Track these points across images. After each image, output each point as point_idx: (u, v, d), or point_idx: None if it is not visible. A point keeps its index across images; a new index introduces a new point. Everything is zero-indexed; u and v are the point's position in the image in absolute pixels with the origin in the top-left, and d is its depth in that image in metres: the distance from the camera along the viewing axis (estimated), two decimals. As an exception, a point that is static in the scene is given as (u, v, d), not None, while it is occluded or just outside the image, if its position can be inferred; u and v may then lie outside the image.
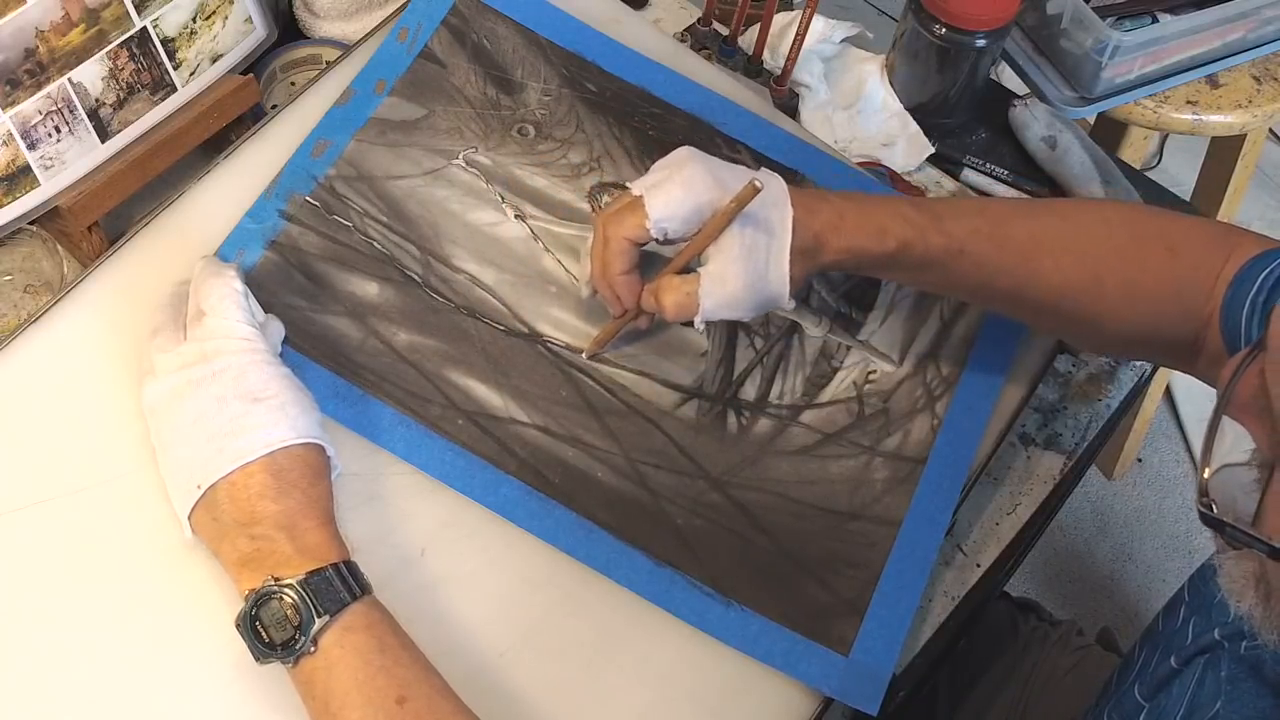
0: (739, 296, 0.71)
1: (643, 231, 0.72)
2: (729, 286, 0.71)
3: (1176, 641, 0.71)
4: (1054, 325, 0.79)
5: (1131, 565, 1.78)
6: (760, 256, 0.71)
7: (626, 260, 0.73)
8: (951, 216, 0.73)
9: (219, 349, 0.68)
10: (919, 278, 0.76)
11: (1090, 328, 0.75)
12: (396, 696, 0.62)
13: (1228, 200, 1.45)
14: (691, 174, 0.71)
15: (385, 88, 0.86)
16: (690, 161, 0.72)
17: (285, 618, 0.62)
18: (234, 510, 0.65)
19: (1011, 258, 0.73)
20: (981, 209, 0.76)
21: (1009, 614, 1.04)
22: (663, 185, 0.72)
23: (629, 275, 0.74)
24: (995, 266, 0.73)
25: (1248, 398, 0.52)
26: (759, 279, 0.71)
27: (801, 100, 0.99)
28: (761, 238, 0.71)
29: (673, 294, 0.72)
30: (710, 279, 0.71)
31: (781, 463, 0.79)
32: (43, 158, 0.81)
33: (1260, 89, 1.21)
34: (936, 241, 0.72)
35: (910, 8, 0.96)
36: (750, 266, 0.71)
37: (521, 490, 0.75)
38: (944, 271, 0.74)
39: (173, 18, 0.85)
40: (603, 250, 0.73)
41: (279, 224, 0.80)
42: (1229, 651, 0.66)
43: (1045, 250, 0.73)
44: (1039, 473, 0.88)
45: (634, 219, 0.72)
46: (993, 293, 0.75)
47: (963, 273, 0.74)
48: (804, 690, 0.73)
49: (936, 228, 0.72)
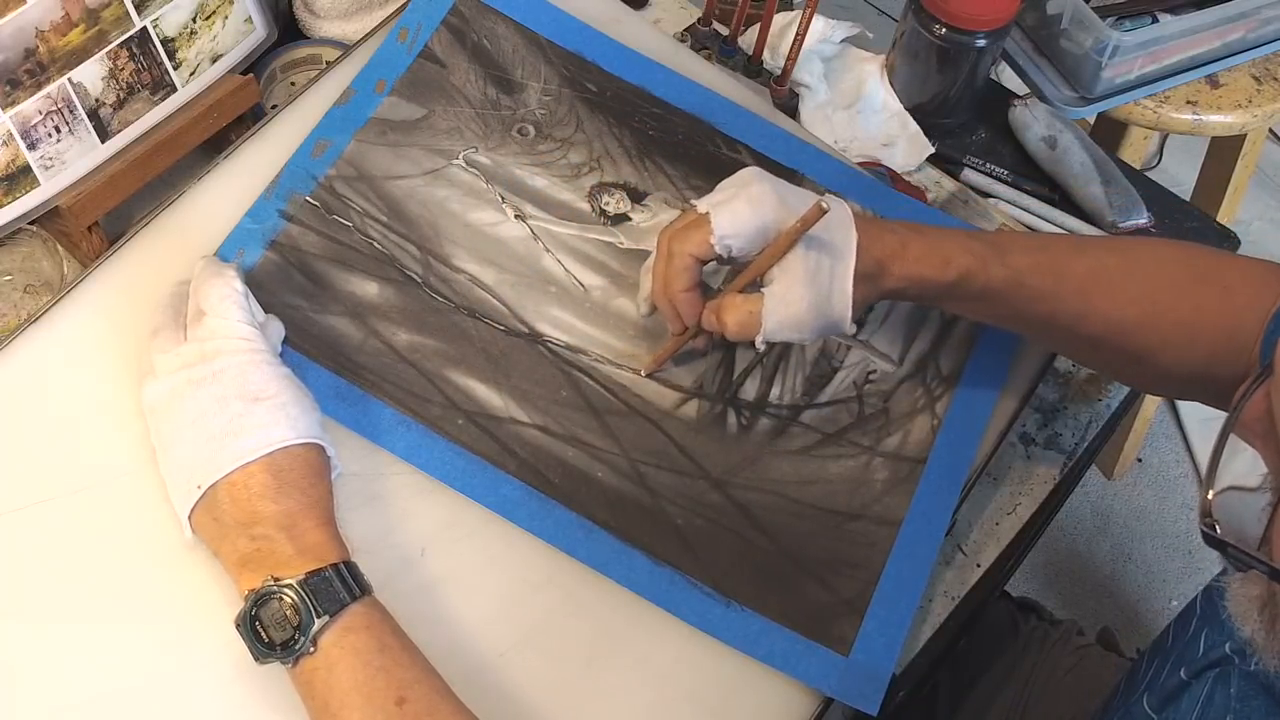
0: (802, 318, 0.71)
1: (707, 248, 0.72)
2: (792, 307, 0.71)
3: (1188, 654, 0.71)
4: (1108, 362, 0.78)
5: (1131, 565, 1.78)
6: (824, 279, 0.71)
7: (689, 277, 0.73)
8: (1013, 249, 0.74)
9: (219, 349, 0.68)
10: (978, 309, 0.76)
11: (1144, 365, 0.75)
12: (396, 697, 0.62)
13: (1228, 200, 1.45)
14: (758, 193, 0.72)
15: (385, 88, 0.86)
16: (757, 181, 0.73)
17: (285, 618, 0.62)
18: (234, 510, 0.65)
19: (1070, 293, 0.73)
20: (1042, 244, 0.77)
21: (1009, 614, 1.04)
22: (729, 203, 0.72)
23: (691, 293, 0.74)
24: (1053, 301, 0.73)
25: (1254, 420, 0.52)
26: (822, 301, 0.71)
27: (801, 100, 0.99)
28: (826, 260, 0.71)
29: (735, 312, 0.72)
30: (774, 299, 0.71)
31: (781, 463, 0.79)
32: (43, 158, 0.81)
33: (1260, 89, 1.21)
34: (998, 273, 0.72)
35: (910, 8, 0.97)
36: (814, 288, 0.71)
37: (521, 490, 0.75)
38: (1003, 304, 0.74)
39: (173, 18, 0.85)
40: (665, 266, 0.74)
41: (279, 224, 0.80)
42: (1239, 667, 0.66)
43: (1103, 286, 0.73)
44: (1039, 473, 0.88)
45: (699, 235, 0.72)
46: (1049, 327, 0.76)
47: (1021, 306, 0.74)
48: (804, 690, 0.73)
49: (999, 260, 0.73)
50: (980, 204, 0.97)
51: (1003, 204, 0.99)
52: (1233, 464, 0.53)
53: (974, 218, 0.96)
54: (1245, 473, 0.52)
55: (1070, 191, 1.00)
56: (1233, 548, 0.50)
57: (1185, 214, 1.01)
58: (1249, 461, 0.53)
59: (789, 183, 0.74)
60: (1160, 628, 0.80)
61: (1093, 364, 0.83)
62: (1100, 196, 0.98)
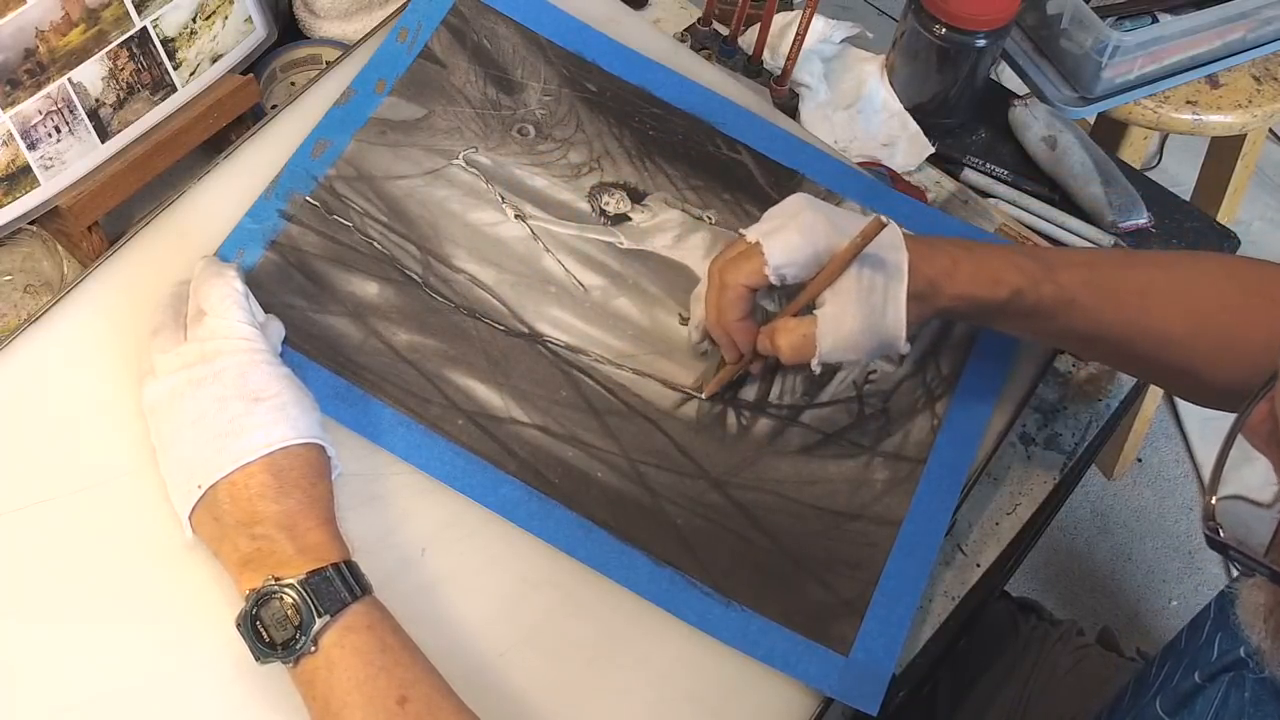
0: (856, 338, 0.72)
1: (761, 277, 0.72)
2: (846, 328, 0.71)
3: (1202, 657, 0.71)
4: (1157, 376, 0.78)
5: (1131, 565, 1.78)
6: (878, 299, 0.71)
7: (743, 307, 0.74)
8: (1062, 266, 0.74)
9: (219, 349, 0.68)
10: (1028, 326, 0.77)
11: (1193, 378, 0.75)
12: (398, 696, 0.62)
13: (1228, 200, 1.45)
14: (810, 220, 0.72)
15: (385, 88, 0.86)
16: (807, 208, 0.73)
17: (286, 617, 0.62)
18: (234, 510, 0.65)
19: (1119, 309, 0.73)
20: (1091, 260, 0.77)
21: (1009, 614, 1.04)
22: (780, 231, 0.72)
23: (745, 321, 0.74)
24: (1102, 318, 0.73)
25: (1259, 423, 0.52)
26: (876, 321, 0.71)
27: (801, 100, 0.99)
28: (879, 280, 0.71)
29: (789, 336, 0.73)
30: (828, 320, 0.72)
31: (781, 463, 0.79)
32: (43, 158, 0.81)
33: (1260, 89, 1.21)
34: (1048, 291, 0.73)
35: (910, 8, 0.97)
36: (868, 309, 0.71)
37: (522, 490, 0.75)
38: (1052, 321, 0.74)
39: (173, 18, 0.85)
40: (718, 297, 0.74)
41: (279, 224, 0.80)
42: (1254, 671, 0.66)
43: (1152, 302, 0.73)
44: (1039, 473, 0.88)
45: (751, 265, 0.72)
46: (1099, 343, 0.76)
47: (1071, 323, 0.74)
48: (804, 690, 0.73)
49: (1049, 277, 0.73)
50: (980, 204, 0.97)
51: (1003, 204, 0.99)
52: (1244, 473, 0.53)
53: (974, 218, 0.96)
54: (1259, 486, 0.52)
55: (1070, 191, 1.00)
56: (1235, 551, 0.50)
57: (1185, 214, 1.01)
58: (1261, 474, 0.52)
59: (832, 205, 0.75)
60: (1160, 628, 0.80)
61: (1142, 376, 0.83)
62: (1100, 196, 0.98)
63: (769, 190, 0.88)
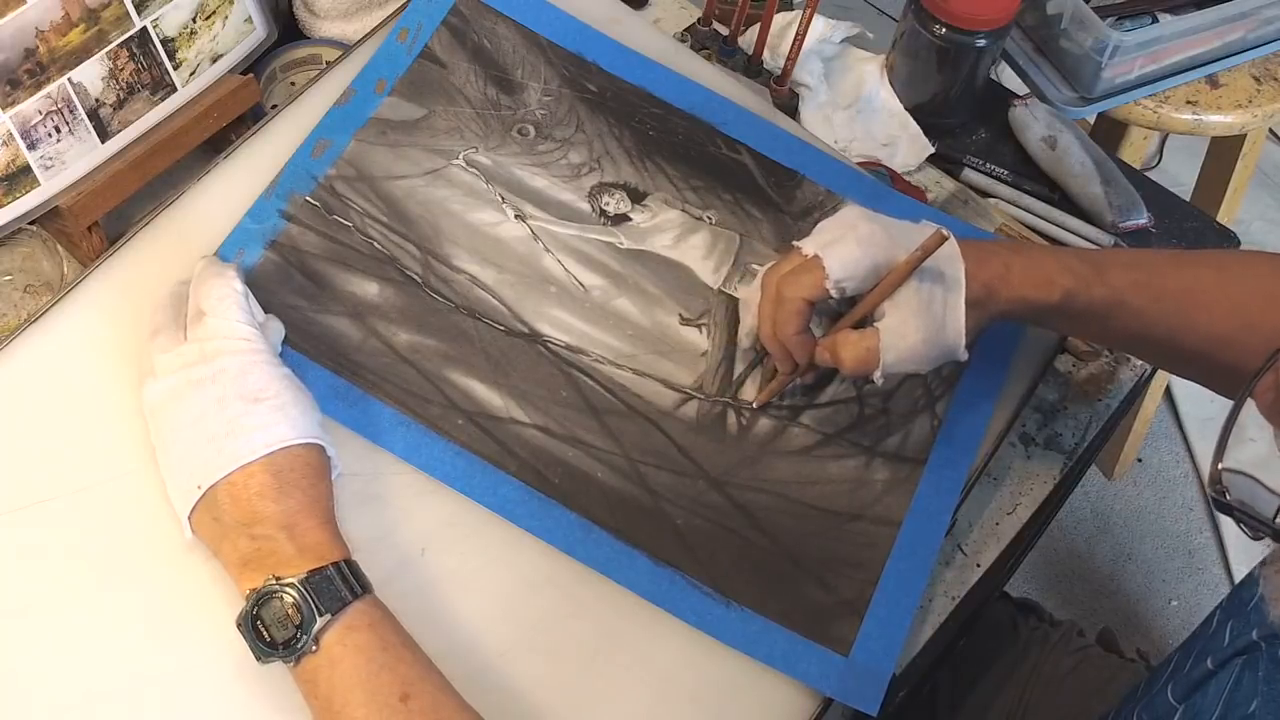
0: (918, 350, 0.72)
1: (821, 291, 0.72)
2: (909, 340, 0.72)
3: (1213, 645, 0.71)
4: (1204, 375, 0.78)
5: (1131, 565, 1.78)
6: (938, 310, 0.72)
7: (801, 321, 0.74)
8: (1111, 267, 0.74)
9: (219, 349, 0.68)
10: (1079, 326, 0.78)
11: (1240, 377, 0.75)
12: (400, 694, 0.62)
13: (1228, 200, 1.45)
14: (867, 232, 0.72)
15: (385, 88, 0.86)
16: (864, 220, 0.74)
17: (286, 617, 0.62)
18: (234, 510, 0.65)
19: (1167, 309, 0.74)
20: (1138, 261, 0.77)
21: (1009, 614, 1.04)
22: (838, 244, 0.72)
23: (804, 335, 0.75)
24: (1151, 318, 0.74)
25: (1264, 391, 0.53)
26: (937, 332, 0.72)
27: (801, 100, 0.99)
28: (938, 291, 0.72)
29: (852, 349, 0.73)
30: (890, 333, 0.72)
31: (781, 463, 0.79)
32: (43, 158, 0.81)
33: (1260, 89, 1.21)
34: (1099, 293, 0.73)
35: (910, 8, 0.97)
36: (928, 320, 0.71)
37: (522, 490, 0.75)
38: (1103, 322, 0.75)
39: (173, 18, 0.85)
40: (775, 310, 0.74)
41: (279, 224, 0.80)
42: (1267, 653, 0.66)
43: (1199, 301, 0.74)
44: (1039, 473, 0.88)
45: (810, 279, 0.72)
46: (1147, 343, 0.76)
47: (1121, 323, 0.74)
48: (804, 690, 0.73)
49: (1099, 279, 0.73)
50: (980, 204, 0.97)
51: (1003, 204, 0.99)
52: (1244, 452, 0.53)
53: (974, 218, 0.96)
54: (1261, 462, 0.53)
55: (1070, 191, 1.00)
56: (1241, 512, 0.50)
57: (1185, 214, 1.01)
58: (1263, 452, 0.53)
59: (888, 216, 0.75)
60: (1160, 628, 0.80)
61: (1189, 376, 0.83)
62: (1100, 196, 0.98)
63: (769, 190, 0.88)
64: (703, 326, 0.82)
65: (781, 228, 0.87)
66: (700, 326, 0.82)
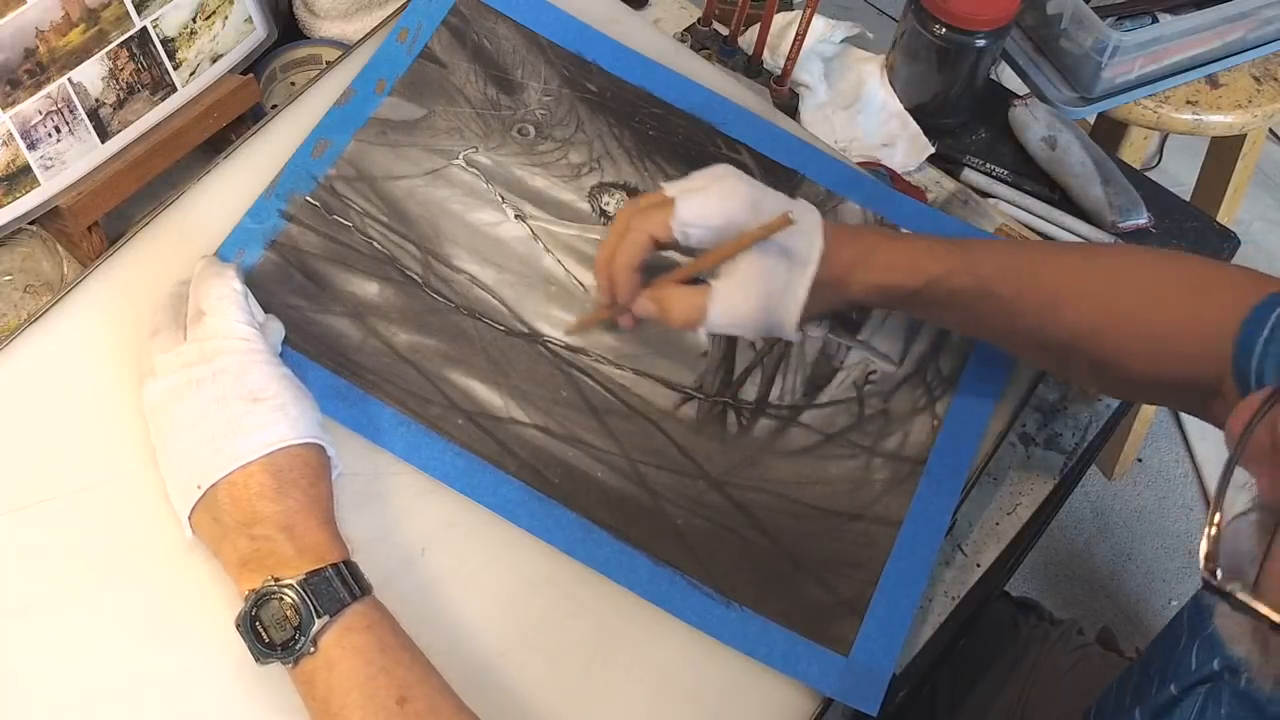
0: (747, 316, 0.72)
1: (666, 230, 0.72)
2: (739, 306, 0.71)
3: (1181, 669, 0.70)
4: (1078, 371, 0.78)
5: (1131, 565, 1.78)
6: (778, 283, 0.71)
7: (639, 254, 0.73)
8: (984, 256, 0.74)
9: (219, 349, 0.68)
10: (945, 316, 0.77)
11: (1110, 371, 0.74)
12: (397, 697, 0.62)
13: (1228, 200, 1.45)
14: (731, 188, 0.72)
15: (385, 88, 0.86)
16: (731, 176, 0.73)
17: (285, 618, 0.62)
18: (234, 510, 0.65)
19: (1034, 301, 0.73)
20: (1012, 250, 0.76)
21: (1009, 614, 1.04)
22: (699, 193, 0.72)
23: (635, 272, 0.74)
24: (1017, 309, 0.73)
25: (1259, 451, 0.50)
26: (772, 304, 0.71)
27: (801, 100, 0.99)
28: (783, 264, 0.71)
29: (680, 302, 0.72)
30: (721, 294, 0.71)
31: (781, 463, 0.79)
32: (43, 158, 0.81)
33: (1260, 89, 1.21)
34: (962, 281, 0.72)
35: (910, 8, 0.97)
36: (765, 292, 0.71)
37: (522, 490, 0.75)
38: (968, 312, 0.74)
39: (173, 18, 0.85)
40: (618, 240, 0.73)
41: (279, 224, 0.80)
42: (1230, 685, 0.66)
43: (1066, 294, 0.73)
44: (1039, 473, 0.88)
45: (661, 216, 0.72)
46: (1015, 336, 0.75)
47: (986, 314, 0.74)
48: (804, 690, 0.73)
49: (966, 266, 0.73)
50: (980, 204, 0.97)
51: (1003, 204, 0.99)
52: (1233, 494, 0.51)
53: (974, 218, 0.96)
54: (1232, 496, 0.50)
55: (1070, 191, 1.00)
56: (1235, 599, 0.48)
57: (1185, 214, 1.01)
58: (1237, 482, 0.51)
59: (768, 186, 0.74)
60: (1160, 627, 0.80)
61: (1057, 372, 0.82)
62: (1100, 196, 0.98)
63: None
64: (703, 326, 0.82)
65: (781, 228, 0.87)
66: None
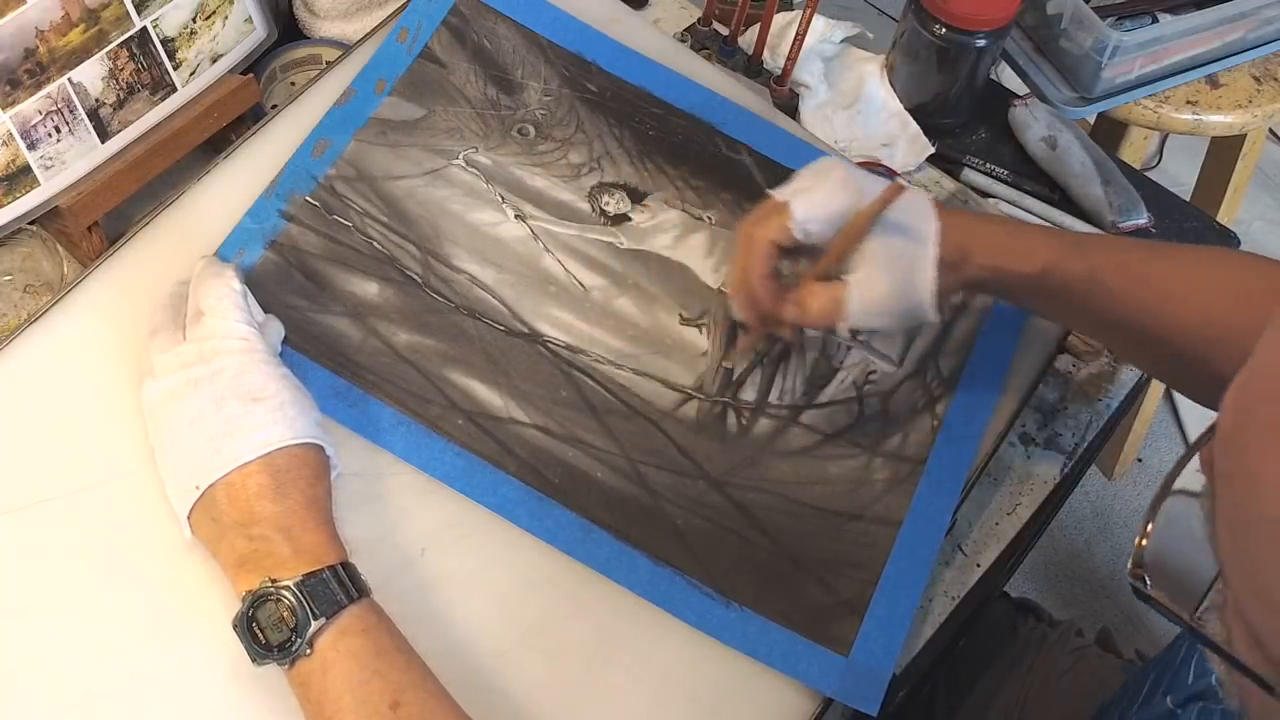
0: (885, 303, 0.72)
1: (786, 232, 0.72)
2: (875, 293, 0.71)
3: (1178, 681, 0.71)
4: (1174, 371, 0.78)
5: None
6: (906, 264, 0.71)
7: (768, 263, 0.74)
8: (1093, 248, 0.74)
9: (217, 349, 0.68)
10: (1054, 306, 0.77)
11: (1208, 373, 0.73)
12: (390, 701, 0.61)
13: (1228, 200, 1.45)
14: (837, 178, 0.73)
15: (385, 88, 0.86)
16: (836, 167, 0.74)
17: (281, 619, 0.62)
18: (232, 511, 0.65)
19: (1143, 295, 0.73)
20: (1122, 245, 0.76)
21: (1009, 614, 1.04)
22: (807, 191, 0.73)
23: (770, 279, 0.74)
24: (1126, 302, 0.73)
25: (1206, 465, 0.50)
26: (905, 287, 0.71)
27: (801, 100, 0.99)
28: (909, 246, 0.71)
29: (817, 299, 0.73)
30: (856, 285, 0.72)
31: (781, 463, 0.79)
32: (43, 158, 0.81)
33: (1260, 89, 1.21)
34: (1078, 269, 0.72)
35: (910, 8, 0.96)
36: (896, 274, 0.71)
37: (521, 490, 0.75)
38: (1079, 301, 0.74)
39: (173, 18, 0.85)
40: (745, 254, 0.74)
41: (279, 224, 0.80)
42: (1224, 702, 0.66)
43: (1173, 291, 0.73)
44: (1039, 473, 0.88)
45: (777, 221, 0.72)
46: (1120, 329, 0.75)
47: (1096, 305, 0.74)
48: (804, 690, 0.73)
49: (1080, 256, 0.73)
50: (980, 204, 0.97)
51: (1003, 204, 0.99)
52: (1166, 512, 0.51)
53: (974, 218, 0.96)
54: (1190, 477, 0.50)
55: (1070, 191, 1.00)
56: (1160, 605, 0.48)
57: (1185, 214, 1.01)
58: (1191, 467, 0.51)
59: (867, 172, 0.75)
60: (1160, 628, 0.80)
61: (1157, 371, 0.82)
62: (1100, 196, 0.98)
63: (769, 190, 0.87)
64: (703, 326, 0.82)
65: (781, 228, 0.87)
66: (700, 326, 0.82)
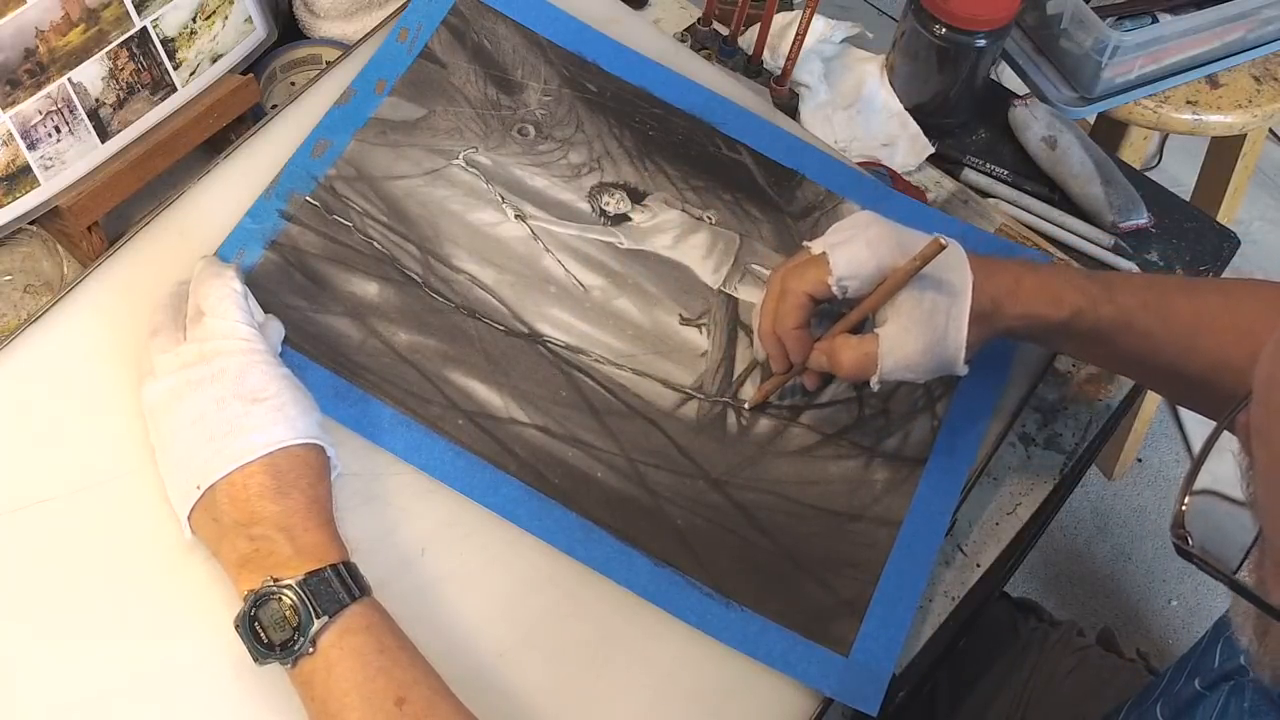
0: (916, 358, 0.72)
1: (824, 287, 0.73)
2: (908, 348, 0.72)
3: (1205, 664, 0.71)
4: (1209, 403, 0.78)
5: (1131, 565, 1.78)
6: (940, 320, 0.72)
7: (802, 315, 0.74)
8: (1121, 288, 0.74)
9: (218, 349, 0.68)
10: (1085, 348, 0.77)
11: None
12: (395, 698, 0.62)
13: (1228, 200, 1.45)
14: (877, 234, 0.73)
15: (385, 88, 0.86)
16: (875, 223, 0.74)
17: (284, 618, 0.62)
18: (233, 511, 0.65)
19: (1175, 332, 0.73)
20: (1150, 283, 0.77)
21: (1009, 614, 1.04)
22: (847, 244, 0.73)
23: (801, 330, 0.75)
24: (1158, 340, 0.73)
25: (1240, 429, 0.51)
26: (937, 342, 0.72)
27: (801, 100, 0.99)
28: (942, 300, 0.72)
29: (851, 352, 0.73)
30: (889, 340, 0.72)
31: (781, 463, 0.79)
32: (43, 158, 0.81)
33: (1260, 89, 1.21)
34: (1107, 312, 0.73)
35: (910, 8, 0.96)
36: (930, 329, 0.71)
37: (522, 490, 0.75)
38: (1110, 343, 0.74)
39: (173, 18, 0.85)
40: (777, 304, 0.74)
41: (279, 224, 0.80)
42: (1253, 680, 0.66)
43: (1206, 327, 0.73)
44: (1039, 473, 0.88)
45: (815, 274, 0.73)
46: (1153, 367, 0.76)
47: (1128, 345, 0.74)
48: (804, 690, 0.73)
49: (1108, 297, 0.73)
50: (980, 204, 0.97)
51: (1003, 204, 0.99)
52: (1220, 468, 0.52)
53: (974, 218, 0.96)
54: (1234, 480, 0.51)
55: (1070, 191, 1.00)
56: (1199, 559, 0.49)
57: (1185, 214, 1.01)
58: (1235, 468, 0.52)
59: (901, 224, 0.75)
60: (1160, 628, 0.80)
61: (1190, 403, 0.82)
62: (1100, 196, 0.98)
63: (769, 190, 0.88)
64: (703, 326, 0.82)
65: (781, 228, 0.87)
66: (700, 326, 0.82)
